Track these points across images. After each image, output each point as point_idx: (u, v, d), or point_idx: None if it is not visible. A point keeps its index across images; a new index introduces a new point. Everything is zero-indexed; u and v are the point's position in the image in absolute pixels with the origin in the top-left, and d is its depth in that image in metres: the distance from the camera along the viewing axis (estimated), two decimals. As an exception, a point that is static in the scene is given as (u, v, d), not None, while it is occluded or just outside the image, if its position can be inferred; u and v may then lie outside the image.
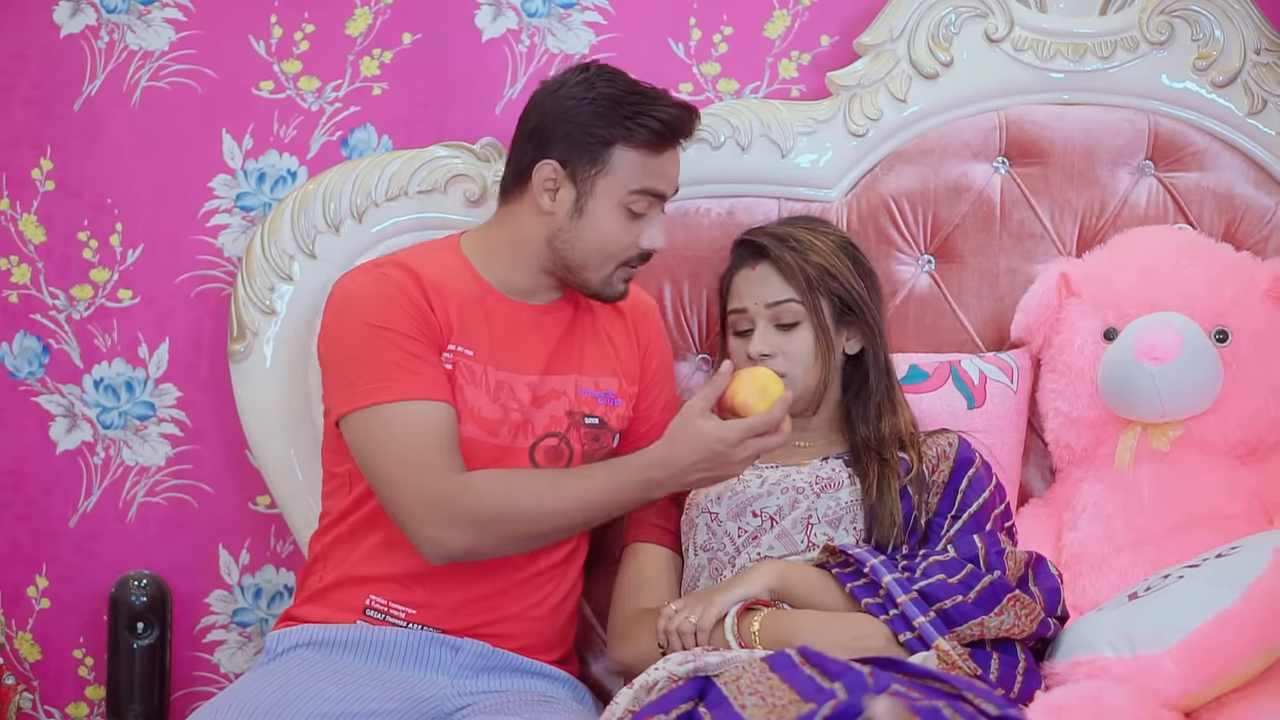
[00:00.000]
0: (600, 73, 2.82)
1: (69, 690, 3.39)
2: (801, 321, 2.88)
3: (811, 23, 3.37)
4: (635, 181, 2.78)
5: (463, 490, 2.68)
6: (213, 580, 3.39)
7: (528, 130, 2.83)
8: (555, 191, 2.79)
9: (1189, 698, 2.54)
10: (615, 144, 2.76)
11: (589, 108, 2.77)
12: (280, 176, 3.34)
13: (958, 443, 2.88)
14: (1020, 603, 2.61)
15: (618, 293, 2.85)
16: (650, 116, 2.76)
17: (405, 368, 2.71)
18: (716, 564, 2.82)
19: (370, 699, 2.68)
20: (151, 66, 3.33)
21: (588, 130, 2.76)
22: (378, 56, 3.35)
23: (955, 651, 2.56)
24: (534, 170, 2.79)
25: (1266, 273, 3.11)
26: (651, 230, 2.82)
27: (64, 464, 3.36)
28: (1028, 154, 3.26)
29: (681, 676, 2.42)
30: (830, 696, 2.14)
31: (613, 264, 2.81)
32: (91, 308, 3.34)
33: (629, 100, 2.78)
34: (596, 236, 2.78)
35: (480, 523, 2.68)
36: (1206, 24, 3.26)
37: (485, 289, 2.83)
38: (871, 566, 2.66)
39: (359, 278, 2.82)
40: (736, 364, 2.85)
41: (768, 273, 2.92)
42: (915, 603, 2.60)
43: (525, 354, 2.83)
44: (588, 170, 2.77)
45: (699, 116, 2.85)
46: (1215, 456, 3.06)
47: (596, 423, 2.88)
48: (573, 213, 2.78)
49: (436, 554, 2.71)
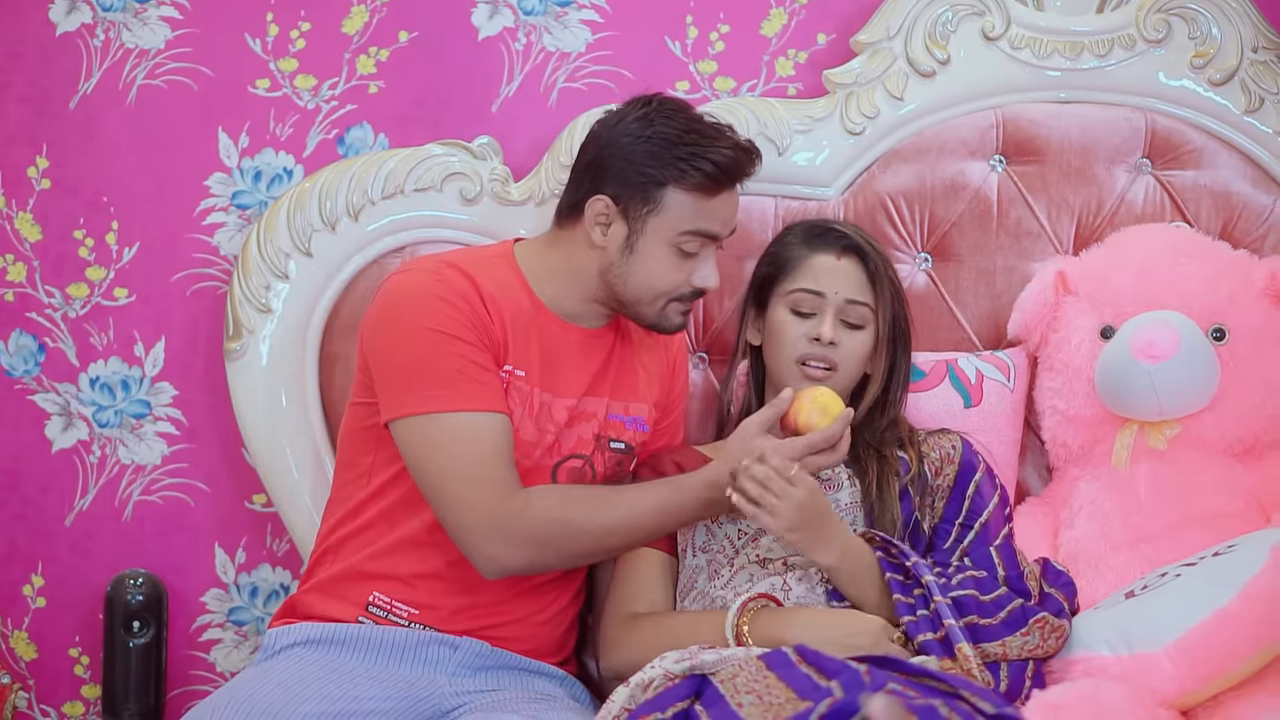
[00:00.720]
0: (661, 109, 2.79)
1: (65, 689, 3.39)
2: (866, 326, 2.87)
3: (808, 21, 3.36)
4: (686, 223, 2.75)
5: (523, 509, 2.67)
6: (209, 579, 3.38)
7: (585, 162, 2.81)
8: (607, 226, 2.77)
9: (1186, 696, 2.54)
10: (668, 185, 2.74)
11: (644, 146, 2.75)
12: (276, 175, 3.34)
13: (961, 446, 2.88)
14: (1048, 625, 2.63)
15: (674, 326, 2.84)
16: (705, 159, 2.73)
17: (468, 376, 2.70)
18: (715, 565, 2.81)
19: (368, 697, 2.67)
20: (147, 65, 3.32)
21: (641, 170, 2.74)
22: (374, 55, 3.35)
23: (975, 659, 2.56)
24: (587, 205, 2.77)
25: (1264, 271, 3.10)
26: (704, 269, 2.80)
27: (60, 463, 3.35)
28: (1025, 152, 3.26)
29: (678, 675, 2.42)
30: (827, 695, 2.14)
31: (664, 300, 2.80)
32: (87, 306, 3.34)
33: (685, 141, 2.74)
34: (647, 275, 2.77)
35: (539, 540, 2.68)
36: (1204, 22, 3.26)
37: (539, 307, 2.82)
38: (914, 563, 2.68)
39: (418, 278, 2.77)
40: (784, 341, 2.85)
41: (854, 269, 2.89)
42: (949, 606, 2.61)
43: (568, 377, 2.82)
44: (639, 209, 2.75)
45: (758, 157, 2.82)
46: (1212, 455, 3.06)
47: (623, 448, 2.88)
48: (624, 249, 2.77)
49: (493, 569, 2.71)
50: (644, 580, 2.86)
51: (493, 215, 3.21)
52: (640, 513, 2.72)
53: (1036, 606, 2.64)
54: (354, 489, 2.84)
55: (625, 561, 2.88)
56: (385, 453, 2.79)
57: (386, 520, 2.79)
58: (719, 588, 2.78)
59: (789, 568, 2.76)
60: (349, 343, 3.19)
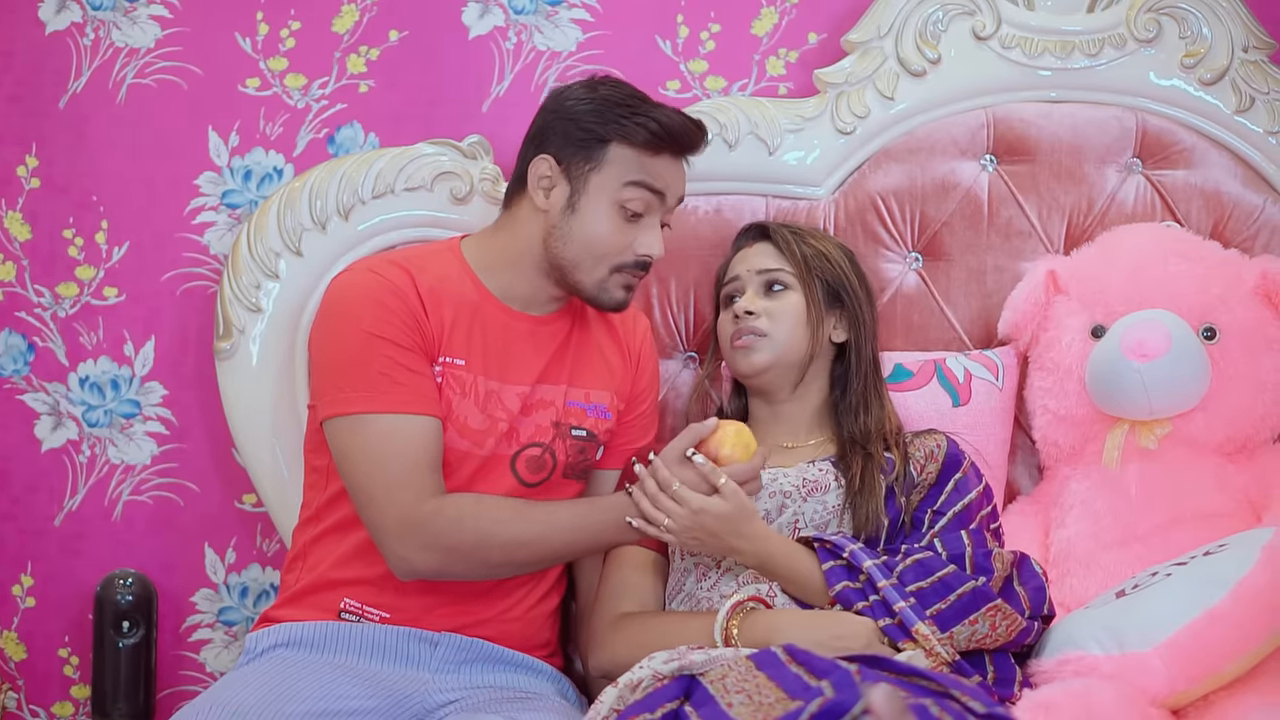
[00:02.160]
0: (606, 80, 2.83)
1: (54, 689, 3.38)
2: (791, 288, 2.91)
3: (799, 20, 3.37)
4: (629, 174, 2.75)
5: (434, 515, 2.67)
6: (198, 579, 3.38)
7: (530, 135, 2.83)
8: (550, 189, 2.78)
9: (1176, 696, 2.54)
10: (611, 141, 2.75)
11: (588, 105, 2.77)
12: (267, 174, 3.34)
13: (945, 443, 2.88)
14: (1000, 613, 2.61)
15: (615, 300, 2.82)
16: (648, 117, 2.75)
17: (394, 379, 2.70)
18: (703, 567, 2.81)
19: (351, 697, 2.67)
20: (137, 64, 3.32)
21: (583, 126, 2.75)
22: (364, 54, 3.34)
23: (935, 636, 2.56)
24: (530, 167, 2.78)
25: (1254, 270, 3.11)
26: (647, 236, 2.78)
27: (49, 462, 3.35)
28: (1015, 152, 3.26)
29: (667, 675, 2.41)
30: (817, 694, 2.13)
31: (605, 266, 2.78)
32: (77, 305, 3.33)
33: (628, 102, 2.77)
34: (587, 234, 2.76)
35: (447, 547, 2.68)
36: (1194, 22, 3.26)
37: (484, 296, 2.82)
38: (851, 552, 2.67)
39: (356, 277, 2.79)
40: (721, 337, 2.94)
41: (764, 248, 2.97)
42: (896, 588, 2.61)
43: (518, 364, 2.82)
44: (582, 166, 2.75)
45: (704, 132, 2.83)
46: (1203, 454, 3.06)
47: (584, 435, 2.88)
48: (565, 209, 2.77)
49: (404, 570, 2.71)
50: (633, 580, 2.86)
51: (483, 214, 3.20)
52: (553, 529, 2.73)
53: (993, 591, 2.63)
54: (315, 492, 2.85)
55: (614, 560, 2.88)
56: None
57: (350, 523, 2.79)
58: (706, 590, 2.78)
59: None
60: (339, 342, 3.19)
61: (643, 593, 2.85)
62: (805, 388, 2.93)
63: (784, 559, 2.70)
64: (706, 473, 2.68)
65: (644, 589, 2.85)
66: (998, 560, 2.67)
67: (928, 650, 2.56)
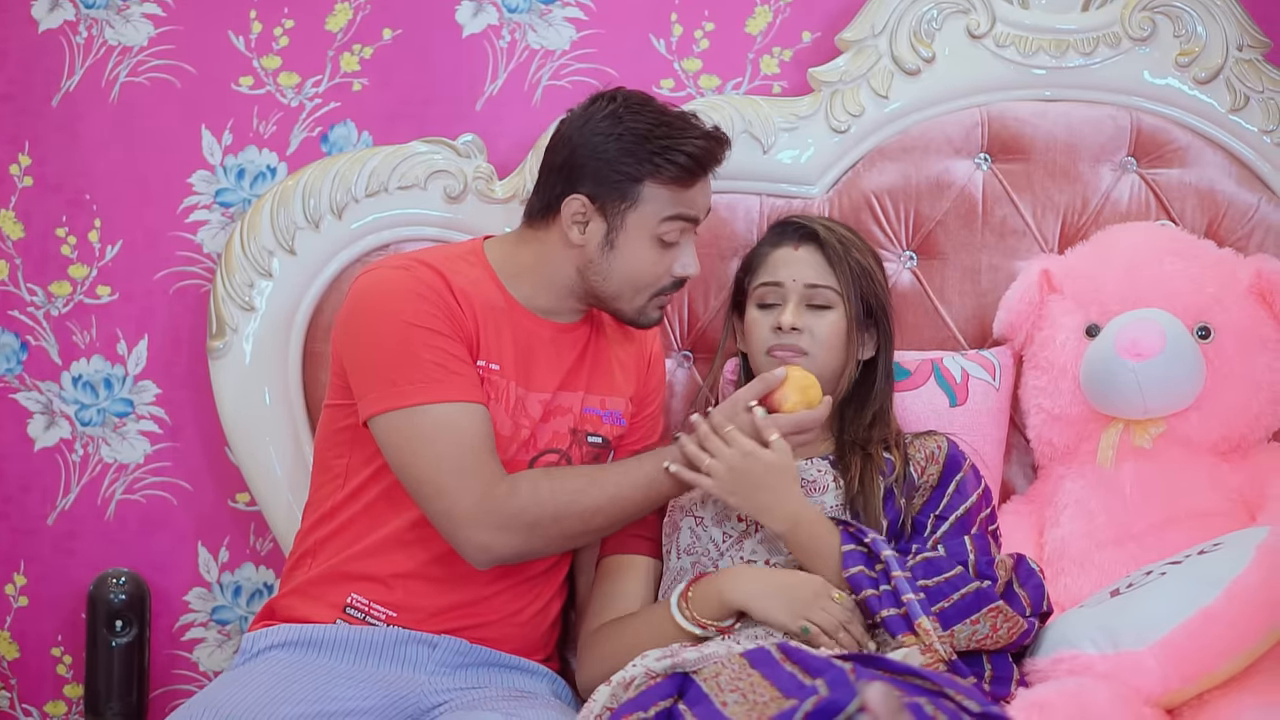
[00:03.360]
0: (627, 104, 2.79)
1: (47, 689, 3.38)
2: (834, 307, 2.87)
3: (793, 19, 3.36)
4: (665, 211, 2.76)
5: (511, 494, 2.67)
6: (192, 578, 3.38)
7: (556, 163, 2.81)
8: (585, 225, 2.77)
9: (1171, 695, 2.54)
10: (644, 180, 2.74)
11: (616, 144, 2.74)
12: (260, 172, 3.33)
13: (946, 445, 2.87)
14: (1002, 614, 2.61)
15: (652, 320, 2.85)
16: (678, 152, 2.74)
17: (447, 368, 2.69)
18: (699, 568, 2.80)
19: (347, 698, 2.66)
20: (130, 62, 3.31)
21: (616, 168, 2.74)
22: (358, 52, 3.34)
23: (936, 633, 2.56)
24: (563, 205, 2.77)
25: (1249, 269, 3.11)
26: (684, 257, 2.80)
27: (42, 461, 3.35)
28: (1010, 150, 3.26)
29: (659, 673, 2.42)
30: (812, 693, 2.13)
31: (647, 294, 2.80)
32: (70, 304, 3.33)
33: (657, 135, 2.74)
34: (628, 269, 2.77)
35: (529, 525, 2.68)
36: (1189, 20, 3.26)
37: (511, 302, 2.81)
38: (872, 539, 2.68)
39: (387, 274, 2.77)
40: (755, 338, 2.89)
41: (812, 256, 2.91)
42: (908, 580, 2.61)
43: (542, 371, 2.82)
44: (617, 205, 2.75)
45: (728, 144, 2.82)
46: (1197, 453, 3.06)
47: (599, 441, 2.88)
48: (603, 246, 2.76)
49: (484, 558, 2.70)
50: (621, 589, 2.86)
51: (477, 213, 3.21)
52: (626, 490, 2.73)
53: (996, 594, 2.63)
54: (330, 490, 2.83)
55: (608, 569, 2.88)
56: (361, 453, 2.78)
57: (364, 521, 2.78)
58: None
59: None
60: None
61: (630, 601, 2.85)
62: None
63: (810, 526, 2.69)
64: (762, 424, 2.68)
65: (632, 597, 2.85)
66: (1000, 568, 2.67)
67: (926, 646, 2.56)
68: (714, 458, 2.67)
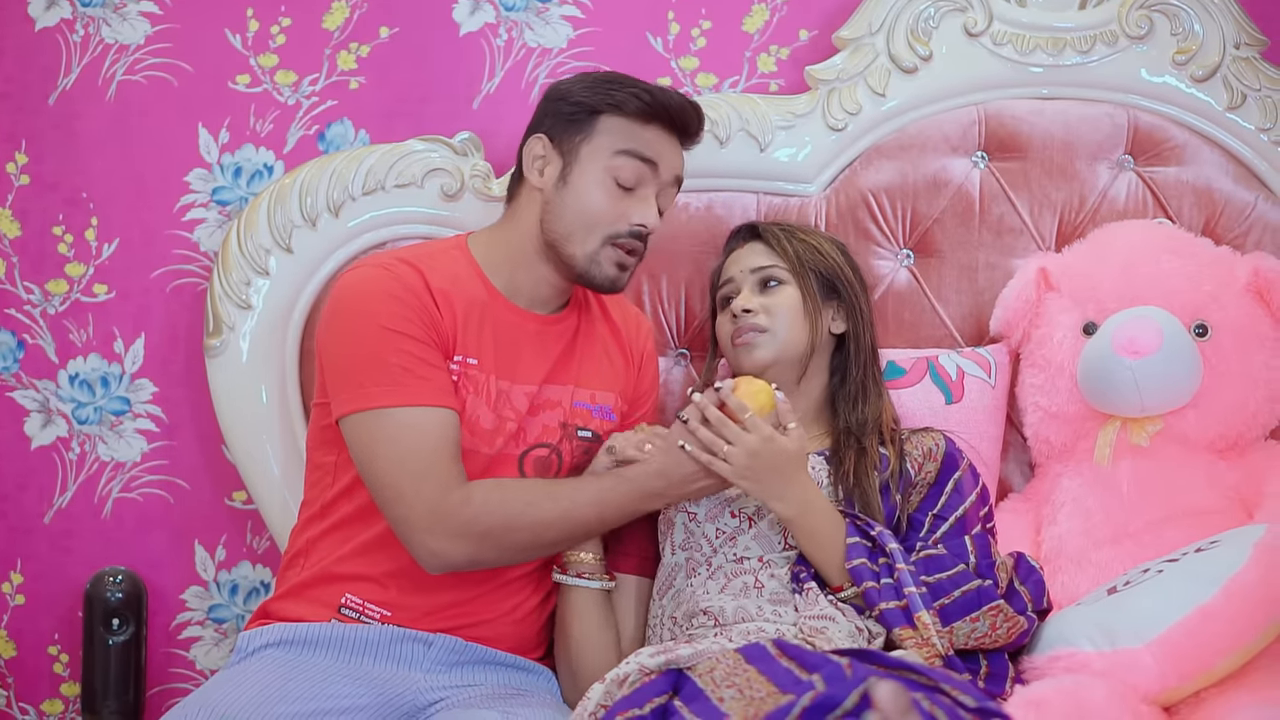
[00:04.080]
0: (605, 71, 2.84)
1: (44, 687, 3.38)
2: (786, 283, 2.90)
3: (790, 17, 3.36)
4: (620, 143, 2.75)
5: (464, 503, 2.66)
6: (189, 576, 3.38)
7: (529, 126, 2.84)
8: (545, 168, 2.78)
9: (1168, 693, 2.53)
10: (602, 112, 2.75)
11: (579, 83, 2.79)
12: (256, 171, 3.33)
13: (944, 443, 2.87)
14: (1002, 614, 2.62)
15: (607, 276, 2.79)
16: (639, 88, 2.76)
17: (414, 372, 2.68)
18: (693, 563, 2.80)
19: (342, 696, 2.66)
20: (127, 60, 3.31)
21: (574, 101, 2.77)
22: (355, 50, 3.34)
23: (935, 628, 2.56)
24: (524, 149, 2.79)
25: (1246, 267, 3.11)
26: (643, 206, 2.77)
27: (39, 460, 3.34)
28: (1007, 148, 3.26)
29: (653, 669, 2.41)
30: (809, 688, 2.13)
31: (598, 237, 2.76)
32: (67, 302, 3.33)
33: (621, 78, 2.78)
34: (580, 204, 2.75)
35: (481, 534, 2.67)
36: (1186, 18, 3.26)
37: (493, 294, 2.81)
38: (879, 531, 2.69)
39: (368, 274, 2.77)
40: (722, 336, 2.92)
41: (756, 247, 2.96)
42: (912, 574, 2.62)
43: (526, 364, 2.81)
44: (573, 138, 2.76)
45: (700, 115, 2.83)
46: (1194, 451, 3.06)
47: (590, 436, 2.87)
48: (558, 183, 2.77)
49: (436, 564, 2.69)
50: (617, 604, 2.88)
51: (474, 211, 3.21)
52: (579, 506, 2.71)
53: (997, 593, 2.63)
54: (321, 489, 2.83)
55: None
56: (346, 453, 2.78)
57: (356, 520, 2.77)
58: (696, 587, 2.77)
59: (764, 564, 2.75)
60: (330, 339, 3.19)
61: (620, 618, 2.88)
62: (808, 381, 2.92)
63: (820, 514, 2.70)
64: (782, 411, 2.70)
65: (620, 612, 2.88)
66: (1001, 570, 2.68)
67: (923, 640, 2.56)
68: (732, 444, 2.67)
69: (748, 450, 2.65)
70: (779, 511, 2.69)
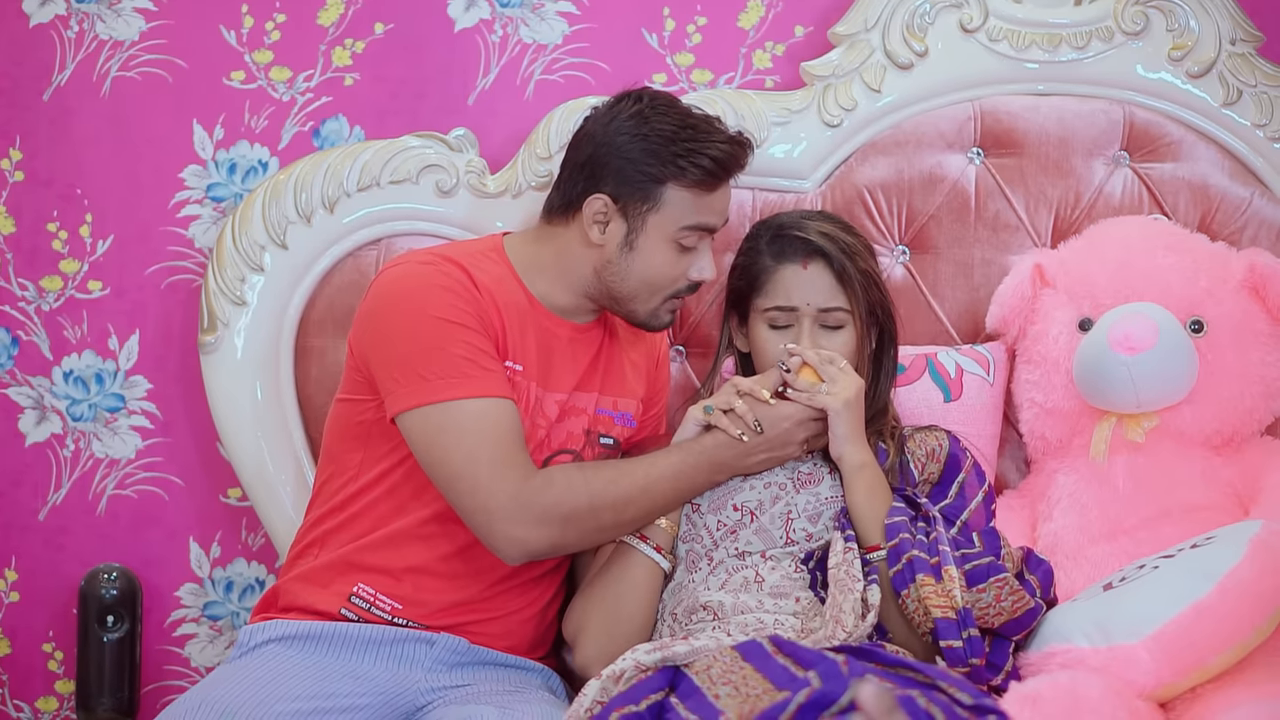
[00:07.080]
0: (653, 104, 2.78)
1: (38, 684, 3.37)
2: (846, 326, 2.85)
3: (785, 13, 3.36)
4: (686, 218, 2.75)
5: (545, 486, 2.66)
6: (183, 573, 3.37)
7: (579, 161, 2.79)
8: (605, 225, 2.76)
9: (1164, 688, 2.53)
10: (667, 183, 2.73)
11: (641, 144, 2.74)
12: (251, 167, 3.33)
13: (948, 442, 2.87)
14: (1007, 586, 2.61)
15: (663, 324, 2.85)
16: (702, 155, 2.73)
17: (477, 363, 2.68)
18: (693, 556, 2.80)
19: (342, 695, 2.66)
20: (122, 56, 3.31)
21: (640, 168, 2.73)
22: (350, 46, 3.34)
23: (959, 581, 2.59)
24: (585, 203, 2.76)
25: (1242, 263, 3.10)
26: (700, 262, 2.80)
27: (33, 456, 3.34)
28: (1002, 144, 3.26)
29: (649, 666, 2.41)
30: (804, 685, 2.13)
31: (661, 296, 2.80)
32: (61, 299, 3.32)
33: (682, 138, 2.74)
34: (646, 271, 2.77)
35: (564, 517, 2.67)
36: (1181, 14, 3.26)
37: (532, 301, 2.81)
38: (925, 500, 2.74)
39: (414, 270, 2.75)
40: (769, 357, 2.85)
41: (821, 275, 2.84)
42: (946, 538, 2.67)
43: (560, 372, 2.81)
44: (639, 206, 2.74)
45: (751, 149, 2.81)
46: (1190, 447, 3.05)
47: (611, 443, 2.88)
48: (623, 246, 2.76)
49: (518, 553, 2.69)
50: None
51: (469, 207, 3.21)
52: (656, 480, 2.72)
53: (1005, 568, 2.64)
54: (342, 483, 2.81)
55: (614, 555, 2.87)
56: (376, 449, 2.77)
57: (378, 513, 2.77)
58: (696, 581, 2.77)
59: (766, 559, 2.75)
60: (325, 336, 3.18)
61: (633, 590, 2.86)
62: None
63: (876, 470, 2.76)
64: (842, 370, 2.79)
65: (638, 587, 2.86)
66: (1008, 560, 2.69)
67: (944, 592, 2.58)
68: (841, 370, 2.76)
69: (853, 385, 2.74)
70: (854, 458, 2.74)
